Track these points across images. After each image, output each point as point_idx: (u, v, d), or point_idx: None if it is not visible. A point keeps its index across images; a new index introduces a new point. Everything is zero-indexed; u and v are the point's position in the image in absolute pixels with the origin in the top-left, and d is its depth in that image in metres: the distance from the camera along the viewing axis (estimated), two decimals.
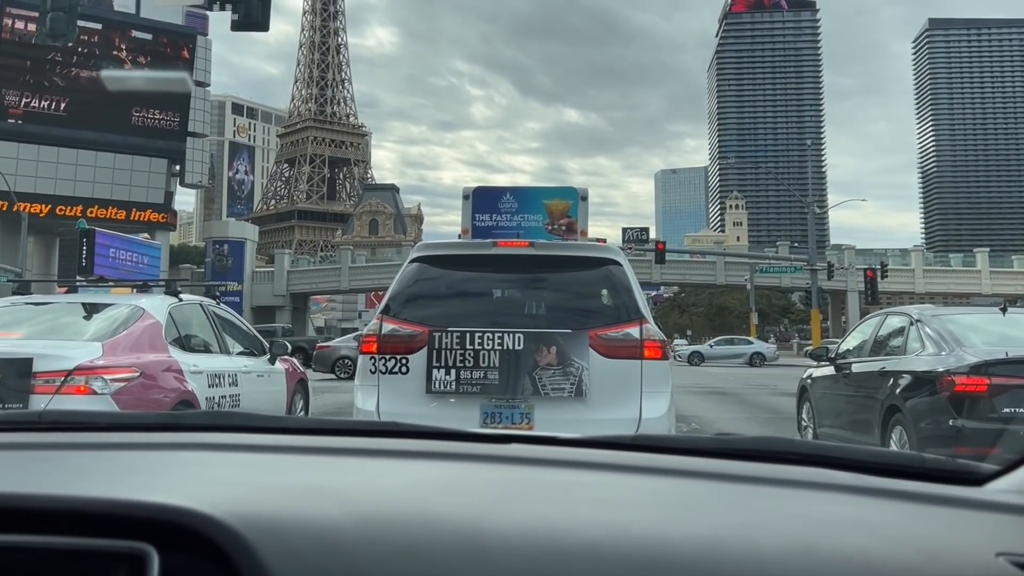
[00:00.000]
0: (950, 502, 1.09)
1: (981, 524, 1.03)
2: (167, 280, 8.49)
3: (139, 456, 1.27)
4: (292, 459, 1.28)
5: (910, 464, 1.25)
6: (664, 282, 73.03)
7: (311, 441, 1.39)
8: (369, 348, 5.81)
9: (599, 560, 0.91)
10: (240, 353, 8.46)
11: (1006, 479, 1.15)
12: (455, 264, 6.21)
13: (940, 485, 1.15)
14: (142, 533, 0.94)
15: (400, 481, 1.16)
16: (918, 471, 1.21)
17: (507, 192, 8.28)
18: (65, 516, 0.97)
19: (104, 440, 1.39)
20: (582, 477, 1.19)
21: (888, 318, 8.84)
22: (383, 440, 1.40)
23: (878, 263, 46.06)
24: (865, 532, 0.99)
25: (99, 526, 0.96)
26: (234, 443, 1.38)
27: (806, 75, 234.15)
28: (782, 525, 1.01)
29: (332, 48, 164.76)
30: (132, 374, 6.38)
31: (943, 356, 7.07)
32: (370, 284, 68.02)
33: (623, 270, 5.97)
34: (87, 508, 0.98)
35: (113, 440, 1.39)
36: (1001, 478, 1.15)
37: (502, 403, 5.59)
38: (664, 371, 5.78)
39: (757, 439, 1.36)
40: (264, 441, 1.39)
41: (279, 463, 1.26)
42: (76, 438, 1.40)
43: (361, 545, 0.93)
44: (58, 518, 0.97)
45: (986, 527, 1.02)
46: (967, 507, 1.07)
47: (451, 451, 1.33)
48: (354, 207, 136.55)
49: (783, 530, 0.99)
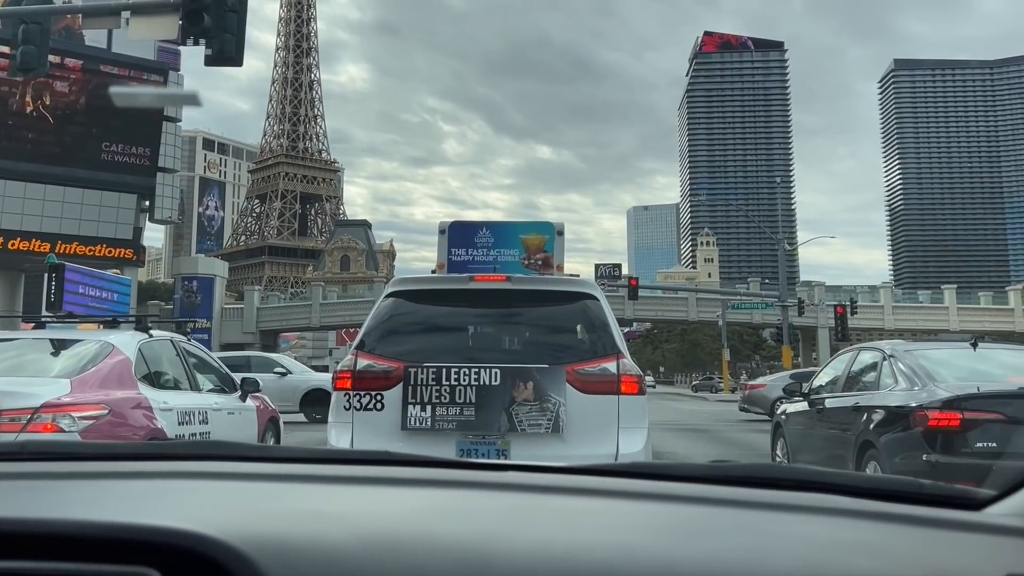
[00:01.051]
0: (952, 525, 1.09)
1: (986, 546, 1.04)
2: (137, 316, 8.37)
3: (130, 484, 1.25)
4: (291, 486, 1.26)
5: (907, 489, 1.25)
6: (637, 318, 73.20)
7: (307, 469, 1.36)
8: (344, 384, 5.73)
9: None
10: (211, 390, 8.34)
11: (1005, 503, 1.15)
12: (431, 299, 6.18)
13: (939, 509, 1.15)
14: (144, 558, 0.93)
15: (403, 507, 1.16)
16: (916, 495, 1.22)
17: (483, 227, 8.27)
18: (63, 541, 0.96)
19: (92, 469, 1.35)
20: (584, 503, 1.19)
21: (861, 353, 8.89)
22: (379, 468, 1.37)
23: (848, 300, 46.64)
24: (872, 555, 0.99)
25: (99, 551, 0.94)
26: (228, 471, 1.34)
27: (775, 114, 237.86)
28: (788, 548, 1.01)
29: (305, 84, 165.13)
30: (100, 411, 6.26)
31: (916, 391, 7.10)
32: (341, 321, 67.56)
33: (600, 305, 5.96)
34: (88, 532, 0.97)
35: (101, 469, 1.35)
36: (1000, 502, 1.16)
37: (478, 439, 5.53)
38: (641, 406, 5.75)
39: (754, 466, 1.35)
40: (258, 469, 1.36)
41: (278, 490, 1.25)
42: (62, 467, 1.35)
43: (367, 569, 0.93)
44: (56, 543, 0.95)
45: (992, 549, 1.03)
46: (969, 530, 1.08)
47: (450, 479, 1.31)
48: (325, 243, 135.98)
49: (790, 553, 1.00)
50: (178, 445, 1.81)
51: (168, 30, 12.49)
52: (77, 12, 17.12)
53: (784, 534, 1.07)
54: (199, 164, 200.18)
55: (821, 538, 1.05)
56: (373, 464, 1.41)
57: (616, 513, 1.15)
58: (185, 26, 11.69)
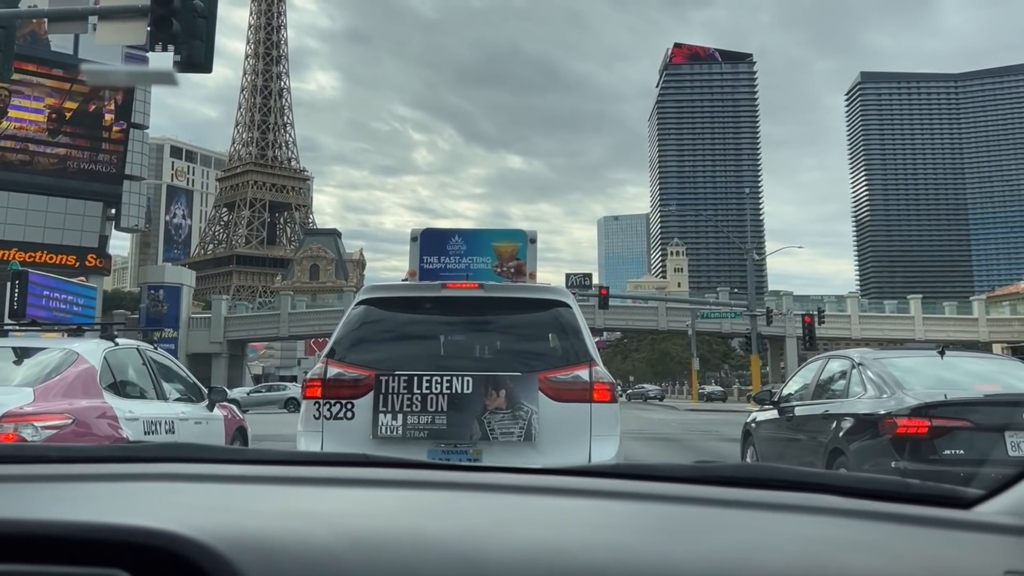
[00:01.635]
0: (943, 524, 1.10)
1: (982, 544, 1.05)
2: (103, 324, 8.24)
3: (100, 486, 1.22)
4: (268, 488, 1.24)
5: (895, 488, 1.26)
6: (607, 327, 73.38)
7: (284, 471, 1.32)
8: (313, 393, 5.66)
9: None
10: (177, 399, 8.23)
11: (995, 502, 1.17)
12: (403, 307, 6.12)
13: (929, 508, 1.16)
14: (115, 559, 0.90)
15: (388, 506, 1.14)
16: (904, 495, 1.22)
17: (455, 234, 8.23)
18: (28, 543, 0.92)
19: (60, 472, 1.29)
20: (570, 503, 1.17)
21: (830, 362, 8.94)
22: (359, 470, 1.34)
23: (815, 309, 46.97)
24: (868, 553, 1.00)
25: (68, 552, 0.91)
26: (203, 473, 1.30)
27: (744, 125, 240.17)
28: (785, 547, 1.01)
29: (274, 92, 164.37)
30: (64, 421, 6.14)
31: (884, 399, 7.15)
32: (310, 331, 67.10)
33: (572, 312, 5.94)
34: (54, 533, 0.93)
35: (70, 471, 1.30)
36: (989, 501, 1.18)
37: (450, 448, 5.49)
38: (613, 414, 5.74)
39: (740, 466, 1.34)
40: (234, 471, 1.32)
41: (255, 491, 1.22)
42: (29, 470, 1.30)
43: (352, 567, 0.90)
44: (21, 545, 0.92)
45: (987, 547, 1.04)
46: (961, 528, 1.09)
47: (432, 480, 1.28)
48: (294, 252, 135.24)
49: (787, 552, 0.99)
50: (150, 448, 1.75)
51: (136, 36, 12.32)
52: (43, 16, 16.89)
53: (774, 533, 1.06)
54: (166, 172, 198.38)
55: (813, 536, 1.05)
56: (352, 466, 1.38)
57: (603, 512, 1.14)
58: (153, 32, 11.55)
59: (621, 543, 0.99)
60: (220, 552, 0.89)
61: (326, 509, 1.09)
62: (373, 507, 1.12)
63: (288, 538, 0.95)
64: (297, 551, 0.92)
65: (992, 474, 6.11)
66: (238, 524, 0.99)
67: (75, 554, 0.92)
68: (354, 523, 1.02)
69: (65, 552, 0.92)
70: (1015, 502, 1.14)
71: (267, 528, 0.98)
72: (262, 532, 0.96)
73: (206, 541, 0.90)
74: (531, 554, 0.94)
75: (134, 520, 0.95)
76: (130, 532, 0.92)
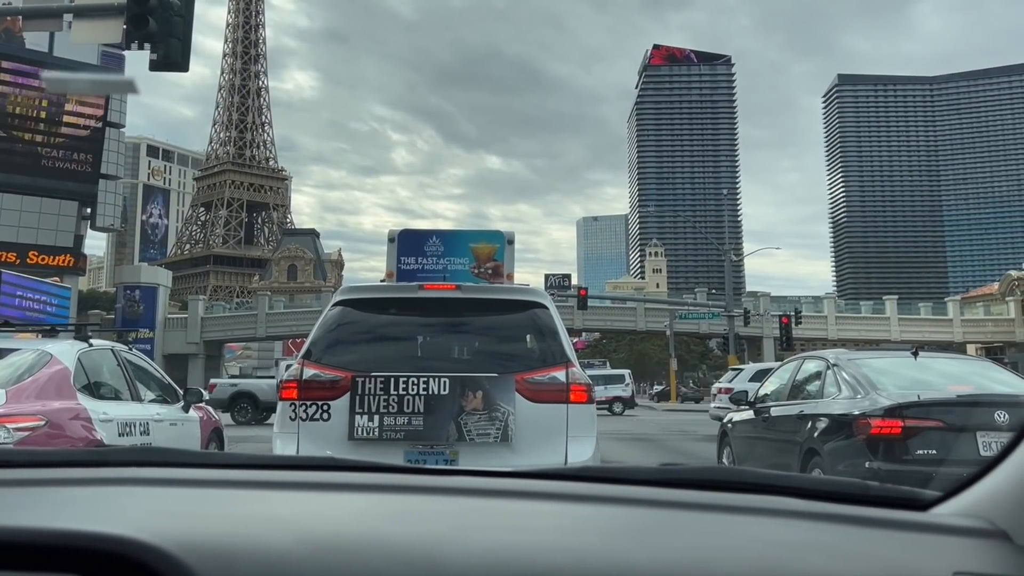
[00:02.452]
0: (900, 525, 1.12)
1: (934, 545, 1.07)
2: (77, 324, 8.16)
3: (61, 491, 1.21)
4: (231, 492, 1.23)
5: (855, 491, 1.27)
6: (586, 328, 73.54)
7: (248, 475, 1.32)
8: (289, 394, 5.64)
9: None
10: (152, 400, 8.17)
11: (950, 503, 1.19)
12: (380, 308, 6.11)
13: (887, 510, 1.18)
14: (70, 565, 0.89)
15: (350, 511, 1.13)
16: (863, 497, 1.24)
17: (433, 235, 8.21)
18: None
19: (23, 476, 1.28)
20: (535, 507, 1.18)
21: (805, 362, 9.01)
22: (324, 473, 1.34)
23: (792, 310, 47.23)
24: (825, 554, 1.01)
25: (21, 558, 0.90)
26: (165, 477, 1.29)
27: (722, 126, 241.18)
28: (740, 549, 1.02)
29: (252, 91, 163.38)
30: (37, 422, 6.08)
31: (858, 399, 7.21)
32: (288, 331, 66.76)
33: (549, 313, 5.95)
34: (9, 539, 0.92)
35: (32, 476, 1.28)
36: (945, 503, 1.20)
37: (426, 449, 5.48)
38: (590, 415, 5.75)
39: (703, 468, 1.35)
40: (197, 475, 1.32)
41: (217, 495, 1.22)
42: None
43: (312, 573, 0.89)
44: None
45: (939, 548, 1.06)
46: (917, 530, 1.11)
47: (398, 483, 1.28)
48: (272, 252, 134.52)
49: (745, 554, 1.00)
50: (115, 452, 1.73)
51: (112, 34, 12.23)
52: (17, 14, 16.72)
53: (735, 535, 1.07)
54: (143, 171, 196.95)
55: (772, 538, 1.06)
56: (317, 470, 1.38)
57: (567, 516, 1.14)
58: (130, 30, 11.46)
59: (582, 546, 1.00)
60: (177, 557, 0.88)
61: (289, 513, 1.08)
62: (337, 512, 1.12)
63: (248, 543, 0.94)
64: (256, 556, 0.91)
65: (957, 475, 6.18)
66: (198, 529, 0.98)
67: (32, 560, 0.90)
68: (316, 527, 1.01)
69: (22, 558, 0.91)
70: (969, 504, 1.17)
71: (227, 533, 0.97)
72: (222, 537, 0.96)
73: (163, 546, 0.89)
74: (490, 558, 0.95)
75: (93, 526, 0.94)
76: (85, 538, 0.91)
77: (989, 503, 1.14)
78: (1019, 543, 1.06)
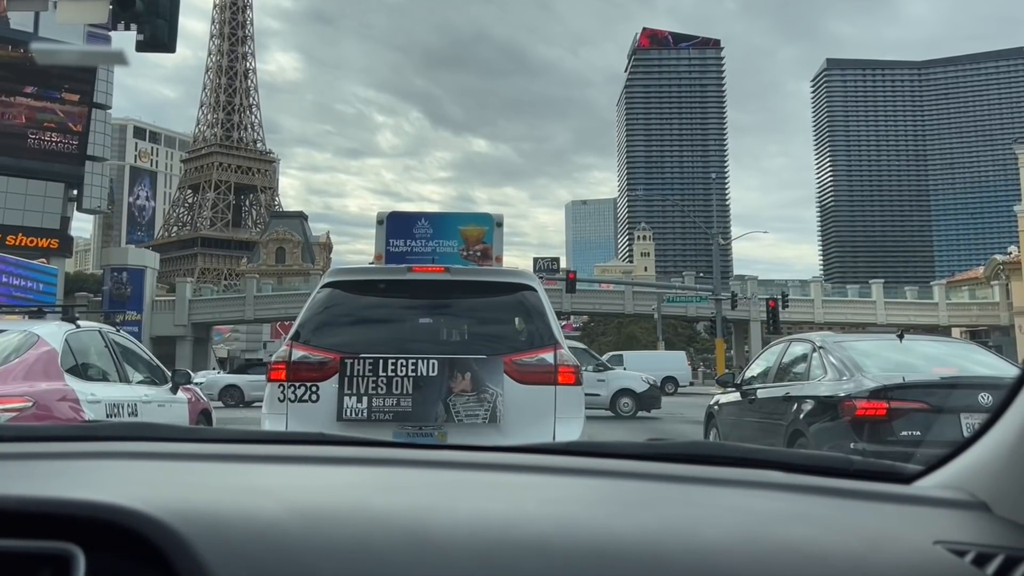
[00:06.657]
0: (883, 497, 1.15)
1: (915, 516, 1.09)
2: (64, 306, 8.14)
3: (55, 464, 1.21)
4: (222, 465, 1.25)
5: (839, 464, 1.30)
6: (574, 311, 73.61)
7: (239, 449, 1.34)
8: (278, 375, 5.66)
9: (548, 552, 0.91)
10: (140, 382, 8.17)
11: (932, 477, 1.22)
12: (368, 290, 6.13)
13: (871, 483, 1.20)
14: (67, 533, 0.90)
15: (339, 481, 1.15)
16: (846, 471, 1.26)
17: (422, 217, 8.21)
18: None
19: (14, 450, 1.29)
20: (522, 479, 1.19)
21: (791, 345, 9.07)
22: (314, 447, 1.36)
23: (779, 294, 47.38)
24: (807, 524, 1.03)
25: (18, 526, 0.91)
26: (158, 451, 1.31)
27: (711, 110, 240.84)
28: (725, 519, 1.03)
29: (240, 73, 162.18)
30: (24, 403, 6.08)
31: (844, 382, 7.28)
32: (276, 314, 66.61)
33: (538, 295, 5.98)
34: (5, 507, 0.93)
35: (25, 450, 1.29)
36: (927, 476, 1.23)
37: (415, 430, 5.51)
38: (577, 397, 5.79)
39: (687, 443, 1.37)
40: (189, 449, 1.33)
41: (209, 468, 1.23)
42: None
43: (303, 541, 0.90)
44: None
45: (920, 519, 1.08)
46: (899, 502, 1.14)
47: (387, 457, 1.30)
48: (260, 235, 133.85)
49: (726, 523, 1.02)
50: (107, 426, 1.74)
51: (98, 14, 12.12)
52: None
53: (720, 506, 1.09)
54: (130, 153, 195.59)
55: (756, 509, 1.08)
56: (307, 444, 1.40)
57: (552, 487, 1.15)
58: (116, 10, 11.38)
59: (567, 516, 1.01)
60: (170, 525, 0.89)
61: (279, 485, 1.10)
62: (326, 483, 1.13)
63: (239, 512, 0.95)
64: (247, 524, 0.92)
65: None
66: (190, 499, 0.99)
67: (27, 529, 0.91)
68: (305, 498, 1.02)
69: (16, 527, 0.91)
70: (950, 476, 1.19)
71: (219, 503, 0.98)
72: (214, 506, 0.97)
73: (156, 514, 0.90)
74: (477, 527, 0.96)
75: (85, 495, 0.95)
76: (79, 506, 0.92)
77: (969, 476, 1.16)
78: (998, 513, 1.08)
